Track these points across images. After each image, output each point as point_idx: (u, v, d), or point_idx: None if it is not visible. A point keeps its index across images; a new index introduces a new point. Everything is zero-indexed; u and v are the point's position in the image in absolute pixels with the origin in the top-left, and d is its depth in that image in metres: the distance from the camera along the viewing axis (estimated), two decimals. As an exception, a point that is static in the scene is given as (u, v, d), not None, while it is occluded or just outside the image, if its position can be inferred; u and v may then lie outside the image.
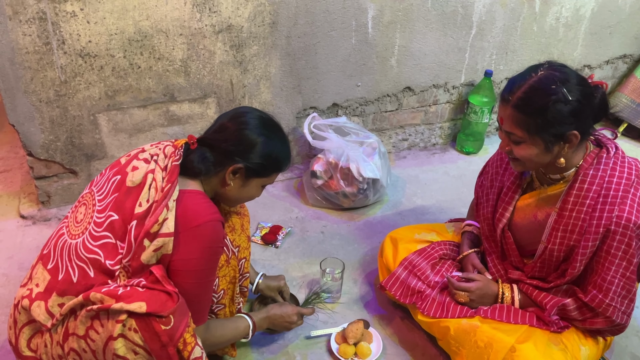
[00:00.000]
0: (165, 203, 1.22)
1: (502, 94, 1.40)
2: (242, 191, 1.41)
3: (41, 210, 2.30)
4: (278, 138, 1.40)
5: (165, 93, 2.21)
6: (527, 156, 1.40)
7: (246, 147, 1.34)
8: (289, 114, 2.51)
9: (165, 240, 1.21)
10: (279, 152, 1.40)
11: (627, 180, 1.38)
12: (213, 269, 1.33)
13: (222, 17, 2.13)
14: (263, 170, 1.38)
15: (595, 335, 1.52)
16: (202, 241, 1.26)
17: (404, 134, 2.86)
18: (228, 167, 1.34)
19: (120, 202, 1.27)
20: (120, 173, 1.31)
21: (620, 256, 1.37)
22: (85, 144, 2.20)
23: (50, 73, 2.00)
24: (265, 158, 1.36)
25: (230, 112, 1.41)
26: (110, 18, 1.97)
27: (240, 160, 1.34)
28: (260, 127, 1.36)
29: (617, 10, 2.88)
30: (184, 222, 1.24)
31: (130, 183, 1.28)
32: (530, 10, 2.67)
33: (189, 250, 1.24)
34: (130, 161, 1.33)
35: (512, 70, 2.86)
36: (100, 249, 1.26)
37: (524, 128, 1.36)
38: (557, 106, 1.31)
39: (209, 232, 1.26)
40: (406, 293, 1.69)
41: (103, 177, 1.36)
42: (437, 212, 2.44)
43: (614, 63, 3.12)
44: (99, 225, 1.28)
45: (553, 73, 1.33)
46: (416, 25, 2.50)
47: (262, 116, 1.40)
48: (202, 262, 1.27)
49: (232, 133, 1.34)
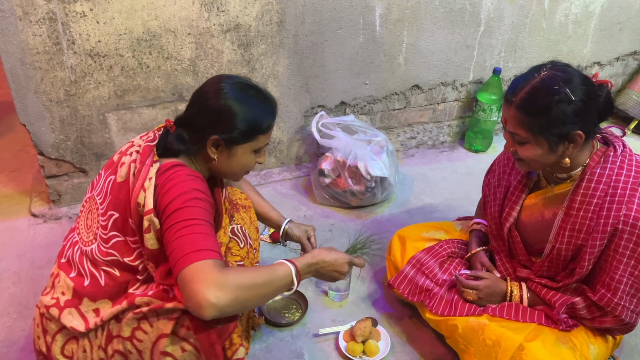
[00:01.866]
0: (140, 184, 1.22)
1: (506, 95, 1.40)
2: (232, 162, 1.34)
3: (52, 208, 2.33)
4: (250, 99, 1.30)
5: (173, 92, 2.23)
6: (531, 157, 1.40)
7: (216, 118, 1.27)
8: (296, 113, 2.52)
9: (148, 217, 1.19)
10: (253, 114, 1.30)
11: (634, 178, 1.37)
12: (194, 207, 1.18)
13: (229, 16, 2.14)
14: (243, 136, 1.30)
15: (604, 334, 1.51)
16: (172, 190, 1.20)
17: (412, 132, 2.85)
18: (206, 141, 1.29)
19: (116, 199, 1.27)
20: (114, 172, 1.31)
21: (629, 255, 1.36)
22: (95, 143, 2.22)
23: (60, 73, 2.02)
24: (239, 123, 1.28)
25: (206, 81, 1.35)
26: (119, 18, 1.99)
27: (216, 132, 1.28)
28: (228, 93, 1.28)
29: (627, 7, 2.85)
30: (160, 189, 1.21)
31: (119, 178, 1.28)
32: (539, 7, 2.66)
33: (164, 200, 1.19)
34: (120, 158, 1.32)
35: (521, 68, 2.85)
36: (114, 249, 1.27)
37: (528, 129, 1.35)
38: (560, 106, 1.30)
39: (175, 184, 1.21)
40: (414, 291, 1.69)
41: (100, 178, 1.35)
42: (445, 211, 2.43)
43: (624, 60, 3.10)
44: (105, 228, 1.28)
45: (556, 73, 1.33)
46: (424, 23, 2.49)
47: (237, 81, 1.32)
48: (177, 201, 1.18)
49: (200, 106, 1.30)
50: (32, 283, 1.96)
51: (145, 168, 1.24)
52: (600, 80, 1.36)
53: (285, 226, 1.76)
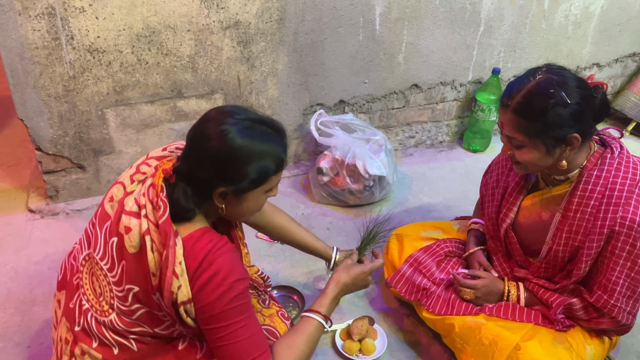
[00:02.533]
0: (170, 271, 1.09)
1: (502, 99, 1.40)
2: (242, 208, 1.20)
3: (49, 204, 2.32)
4: (258, 139, 1.13)
5: (172, 89, 2.22)
6: (529, 160, 1.40)
7: (221, 167, 1.11)
8: (295, 111, 2.52)
9: (186, 307, 1.13)
10: (264, 158, 1.14)
11: (631, 180, 1.38)
12: (241, 306, 1.16)
13: (229, 13, 2.13)
14: (253, 184, 1.15)
15: (600, 335, 1.51)
16: (210, 285, 1.12)
17: (410, 131, 2.85)
18: (212, 194, 1.15)
19: (132, 272, 1.15)
20: (116, 234, 1.16)
21: (625, 257, 1.37)
22: (93, 139, 2.22)
23: (59, 68, 2.01)
24: (249, 171, 1.13)
25: (202, 119, 1.17)
26: (119, 14, 1.98)
27: (223, 184, 1.13)
28: (233, 137, 1.10)
29: (627, 8, 2.85)
30: (193, 277, 1.12)
31: (132, 249, 1.14)
32: (539, 7, 2.66)
33: (204, 299, 1.13)
34: (119, 216, 1.16)
35: (520, 68, 2.85)
36: (141, 321, 1.19)
37: (524, 132, 1.36)
38: (556, 110, 1.30)
39: (213, 276, 1.12)
40: (411, 290, 1.69)
41: (97, 236, 1.21)
42: (443, 210, 2.44)
43: (624, 61, 3.10)
44: (124, 300, 1.17)
45: (551, 77, 1.33)
46: (424, 22, 2.49)
47: (237, 118, 1.13)
48: (221, 302, 1.13)
49: (201, 154, 1.12)
50: (29, 279, 1.96)
51: (171, 251, 1.09)
52: (595, 82, 1.37)
53: (335, 257, 1.67)
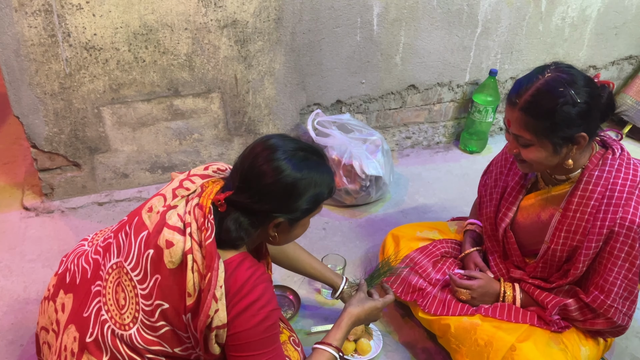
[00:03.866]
0: (211, 294, 1.09)
1: (509, 97, 1.39)
2: (292, 234, 1.25)
3: (44, 202, 2.31)
4: (315, 171, 1.17)
5: (169, 87, 2.22)
6: (535, 159, 1.39)
7: (283, 200, 1.14)
8: (292, 110, 2.51)
9: (218, 331, 1.13)
10: (319, 188, 1.17)
11: (631, 182, 1.38)
12: (273, 335, 1.19)
13: (227, 12, 2.13)
14: (308, 212, 1.20)
15: (595, 336, 1.52)
16: (250, 311, 1.14)
17: (407, 132, 2.86)
18: (268, 224, 1.18)
19: (166, 288, 1.14)
20: (154, 246, 1.15)
21: (623, 258, 1.37)
22: (89, 137, 2.21)
23: (55, 65, 2.01)
24: (308, 202, 1.17)
25: (251, 152, 1.17)
26: (116, 11, 1.97)
27: (281, 215, 1.16)
28: (294, 167, 1.13)
29: (624, 11, 2.86)
30: (231, 302, 1.13)
31: (170, 265, 1.13)
32: (536, 9, 2.67)
33: (240, 325, 1.14)
34: (159, 228, 1.16)
35: (517, 70, 2.86)
36: (162, 339, 1.18)
37: (532, 131, 1.35)
38: (565, 109, 1.29)
39: (254, 302, 1.14)
40: (407, 290, 1.69)
41: (131, 245, 1.19)
42: (439, 211, 2.44)
43: (620, 64, 3.11)
44: (150, 314, 1.16)
45: (560, 75, 1.32)
46: (421, 23, 2.49)
47: (288, 151, 1.15)
48: (257, 330, 1.15)
49: (262, 188, 1.13)
50: (23, 276, 1.95)
51: (215, 274, 1.10)
52: (602, 81, 1.36)
53: (343, 288, 1.65)
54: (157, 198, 1.22)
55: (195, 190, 1.22)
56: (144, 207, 1.23)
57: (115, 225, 1.31)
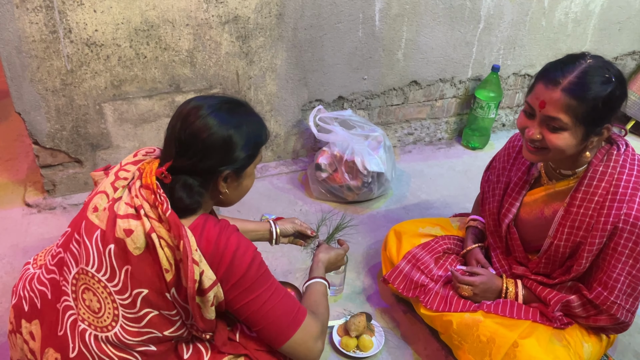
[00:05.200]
0: (190, 260, 1.10)
1: (549, 76, 1.32)
2: (242, 188, 1.28)
3: (46, 198, 2.31)
4: (245, 118, 1.22)
5: (170, 83, 2.21)
6: (562, 145, 1.33)
7: (225, 151, 1.17)
8: (294, 107, 2.51)
9: (214, 290, 1.14)
10: (256, 132, 1.23)
11: (636, 178, 1.37)
12: (266, 272, 1.23)
13: (228, 7, 2.12)
14: (250, 158, 1.24)
15: (598, 333, 1.51)
16: (236, 260, 1.17)
17: (409, 128, 2.85)
18: (217, 180, 1.20)
19: (139, 275, 1.13)
20: (113, 240, 1.14)
21: (627, 254, 1.36)
22: (90, 134, 2.21)
23: (57, 62, 2.00)
24: (247, 148, 1.20)
25: (178, 118, 1.19)
26: (117, 7, 1.97)
27: (226, 167, 1.18)
28: (224, 119, 1.17)
29: (627, 6, 2.85)
30: (213, 261, 1.15)
31: (136, 251, 1.13)
32: (539, 4, 2.65)
33: (234, 275, 1.17)
34: (112, 222, 1.15)
35: (520, 66, 2.85)
36: (149, 326, 1.17)
37: (573, 114, 1.29)
38: (609, 96, 1.28)
39: (235, 251, 1.17)
40: (409, 286, 1.69)
41: (88, 248, 1.17)
42: (441, 207, 2.43)
43: (623, 60, 3.09)
44: (131, 306, 1.15)
45: (602, 62, 1.31)
46: (423, 19, 2.48)
47: (213, 105, 1.19)
48: (251, 273, 1.19)
49: (199, 148, 1.15)
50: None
51: (186, 240, 1.11)
52: None
53: (275, 229, 1.68)
54: (99, 196, 1.21)
55: (134, 176, 1.22)
56: (87, 210, 1.21)
57: (60, 240, 1.28)
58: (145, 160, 1.27)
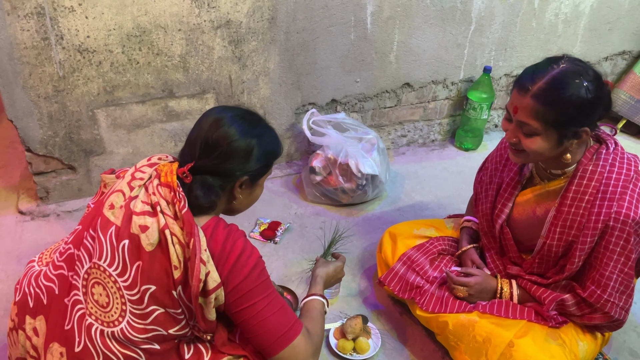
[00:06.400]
0: (198, 259, 1.13)
1: (521, 82, 1.35)
2: (253, 196, 1.35)
3: (39, 205, 2.30)
4: (265, 130, 1.30)
5: (164, 89, 2.21)
6: (537, 149, 1.36)
7: (244, 158, 1.24)
8: (287, 110, 2.51)
9: (217, 292, 1.17)
10: (273, 145, 1.32)
11: (626, 176, 1.38)
12: (266, 280, 1.25)
13: (220, 12, 2.12)
14: (266, 168, 1.32)
15: (593, 331, 1.52)
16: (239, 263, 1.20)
17: (402, 130, 2.86)
18: (234, 184, 1.26)
19: (149, 271, 1.15)
20: (127, 236, 1.17)
21: (619, 252, 1.38)
22: (84, 140, 2.20)
23: (49, 68, 2.00)
24: (265, 158, 1.29)
25: (204, 124, 1.25)
26: (109, 13, 1.97)
27: (243, 172, 1.25)
28: (246, 129, 1.25)
29: (617, 6, 2.87)
30: (219, 262, 1.18)
31: (149, 247, 1.15)
32: (529, 6, 2.67)
33: (235, 278, 1.19)
34: (128, 219, 1.18)
35: (512, 67, 2.86)
36: (155, 324, 1.18)
37: (542, 120, 1.32)
38: (579, 101, 1.29)
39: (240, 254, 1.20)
40: (405, 288, 1.69)
41: (102, 243, 1.19)
42: (436, 208, 2.44)
43: (613, 59, 3.12)
44: (139, 302, 1.17)
45: (575, 66, 1.31)
46: (415, 21, 2.49)
47: (238, 115, 1.27)
48: (251, 278, 1.21)
49: (223, 150, 1.22)
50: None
51: (197, 239, 1.14)
52: None
53: None
54: (115, 194, 1.23)
55: (151, 176, 1.25)
56: (103, 207, 1.23)
57: (69, 237, 1.30)
58: (161, 163, 1.31)
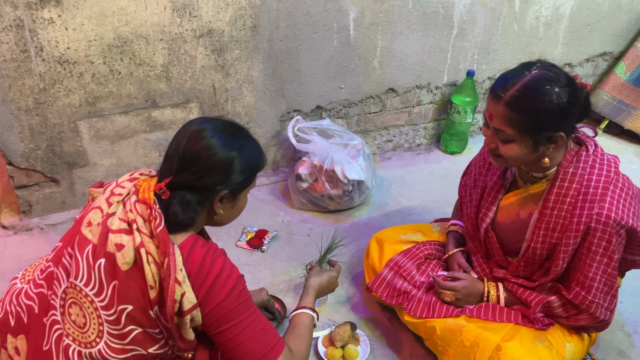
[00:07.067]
0: (173, 279, 1.10)
1: (494, 90, 1.37)
2: (233, 210, 1.30)
3: (22, 219, 2.27)
4: (246, 142, 1.25)
5: (147, 99, 2.19)
6: (513, 155, 1.39)
7: (224, 172, 1.20)
8: (272, 118, 2.50)
9: (192, 313, 1.14)
10: (255, 156, 1.27)
11: (606, 177, 1.39)
12: (247, 300, 1.22)
13: (202, 21, 2.12)
14: (248, 181, 1.27)
15: (580, 332, 1.53)
16: (217, 284, 1.16)
17: (388, 135, 2.86)
18: (213, 199, 1.22)
19: (126, 290, 1.14)
20: (103, 255, 1.14)
21: (602, 253, 1.38)
22: (66, 152, 2.18)
23: (29, 81, 1.98)
24: (247, 171, 1.24)
25: (183, 137, 1.21)
26: (89, 24, 1.95)
27: (224, 186, 1.20)
28: (227, 141, 1.20)
29: (596, 8, 2.91)
30: (196, 282, 1.15)
31: (125, 266, 1.13)
32: (510, 9, 2.69)
33: (213, 300, 1.16)
34: (104, 237, 1.15)
35: (495, 70, 2.88)
36: (134, 344, 1.17)
37: (515, 126, 1.34)
38: (551, 107, 1.30)
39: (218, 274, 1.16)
40: (392, 294, 1.69)
41: (79, 262, 1.17)
42: (423, 212, 2.44)
43: (594, 61, 3.15)
44: (116, 323, 1.15)
45: (547, 73, 1.32)
46: (398, 27, 2.50)
47: (217, 127, 1.22)
48: (230, 300, 1.18)
49: (202, 164, 1.18)
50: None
51: (172, 258, 1.11)
52: (580, 83, 1.37)
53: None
54: (94, 211, 1.21)
55: (129, 192, 1.23)
56: (81, 224, 1.21)
57: (50, 254, 1.28)
58: (142, 177, 1.29)
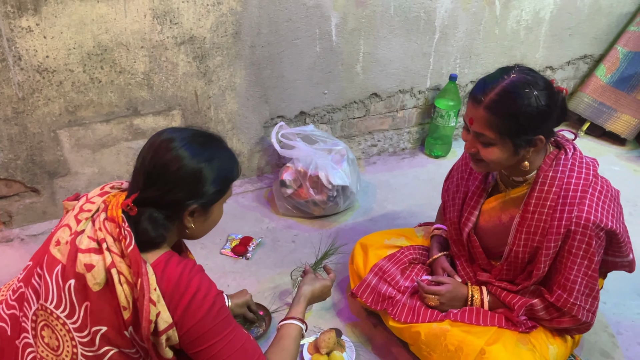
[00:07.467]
0: (147, 299, 1.07)
1: (474, 95, 1.38)
2: (206, 224, 1.26)
3: (3, 230, 2.24)
4: (216, 153, 1.20)
5: (128, 107, 2.18)
6: (494, 159, 1.39)
7: (193, 185, 1.15)
8: (256, 124, 2.50)
9: (168, 333, 1.11)
10: (226, 168, 1.21)
11: (585, 180, 1.41)
12: (226, 318, 1.19)
13: (183, 28, 2.11)
14: (220, 194, 1.22)
15: (563, 334, 1.53)
16: (194, 304, 1.13)
17: (372, 140, 2.87)
18: (183, 214, 1.17)
19: (98, 312, 1.10)
20: (73, 276, 1.11)
21: (582, 255, 1.39)
22: (47, 162, 2.15)
23: (7, 90, 1.95)
24: (218, 183, 1.19)
25: (149, 149, 1.16)
26: (68, 32, 1.93)
27: (194, 201, 1.16)
28: (195, 152, 1.15)
29: (576, 12, 2.94)
30: (171, 302, 1.12)
31: (96, 286, 1.10)
32: (491, 14, 2.72)
33: (190, 320, 1.13)
34: (73, 256, 1.12)
35: (477, 74, 2.90)
36: None
37: (496, 130, 1.35)
38: (530, 110, 1.31)
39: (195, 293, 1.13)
40: (377, 299, 1.68)
41: (48, 284, 1.13)
42: (408, 217, 2.45)
43: (575, 64, 3.19)
44: (90, 344, 1.11)
45: (525, 77, 1.33)
46: (380, 32, 2.51)
47: (186, 138, 1.17)
48: (208, 319, 1.15)
49: (169, 179, 1.13)
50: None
51: (145, 278, 1.08)
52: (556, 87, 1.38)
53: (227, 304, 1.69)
54: (62, 229, 1.18)
55: (99, 208, 1.19)
56: (49, 243, 1.18)
57: (21, 274, 1.25)
58: (112, 192, 1.24)
